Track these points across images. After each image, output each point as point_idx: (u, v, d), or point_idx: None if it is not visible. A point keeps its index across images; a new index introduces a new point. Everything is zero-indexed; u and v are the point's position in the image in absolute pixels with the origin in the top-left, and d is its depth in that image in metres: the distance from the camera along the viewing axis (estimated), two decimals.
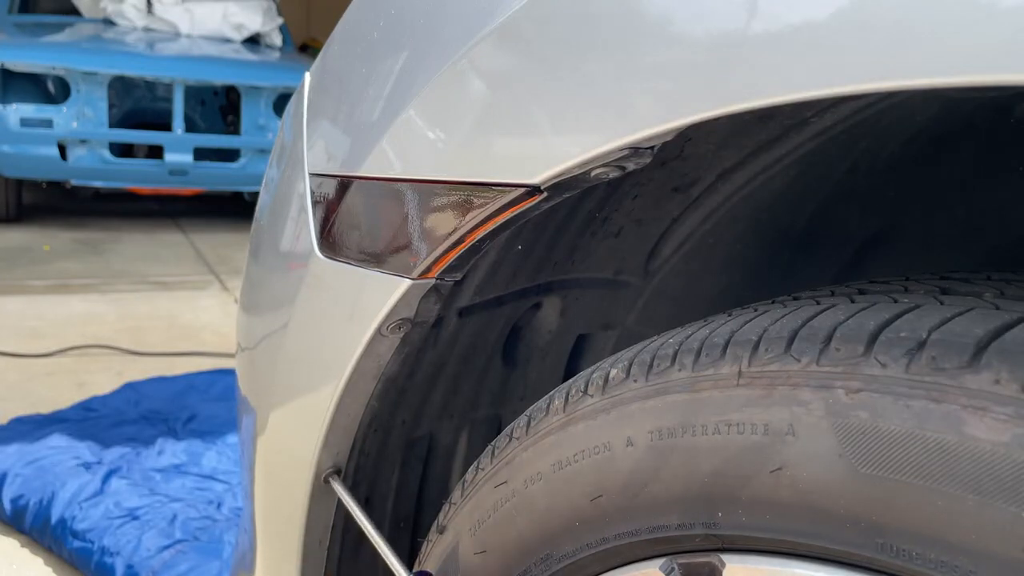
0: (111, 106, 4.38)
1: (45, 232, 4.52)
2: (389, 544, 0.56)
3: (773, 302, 0.50)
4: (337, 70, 0.72)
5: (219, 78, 4.40)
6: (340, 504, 0.72)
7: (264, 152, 4.51)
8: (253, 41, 5.29)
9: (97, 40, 4.66)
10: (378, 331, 0.62)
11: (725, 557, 0.44)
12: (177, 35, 5.01)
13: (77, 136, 4.18)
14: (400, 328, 0.62)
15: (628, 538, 0.48)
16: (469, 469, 0.62)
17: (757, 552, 0.43)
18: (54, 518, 1.69)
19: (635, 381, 0.49)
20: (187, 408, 2.27)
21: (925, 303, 0.41)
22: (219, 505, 1.78)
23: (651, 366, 0.48)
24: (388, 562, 0.54)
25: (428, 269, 0.58)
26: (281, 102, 4.51)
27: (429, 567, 0.65)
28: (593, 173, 0.47)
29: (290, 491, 0.74)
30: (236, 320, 0.97)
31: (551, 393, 0.57)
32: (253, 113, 4.49)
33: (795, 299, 0.49)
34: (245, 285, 0.92)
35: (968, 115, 0.64)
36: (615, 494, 0.48)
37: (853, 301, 0.44)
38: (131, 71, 4.24)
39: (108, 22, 5.05)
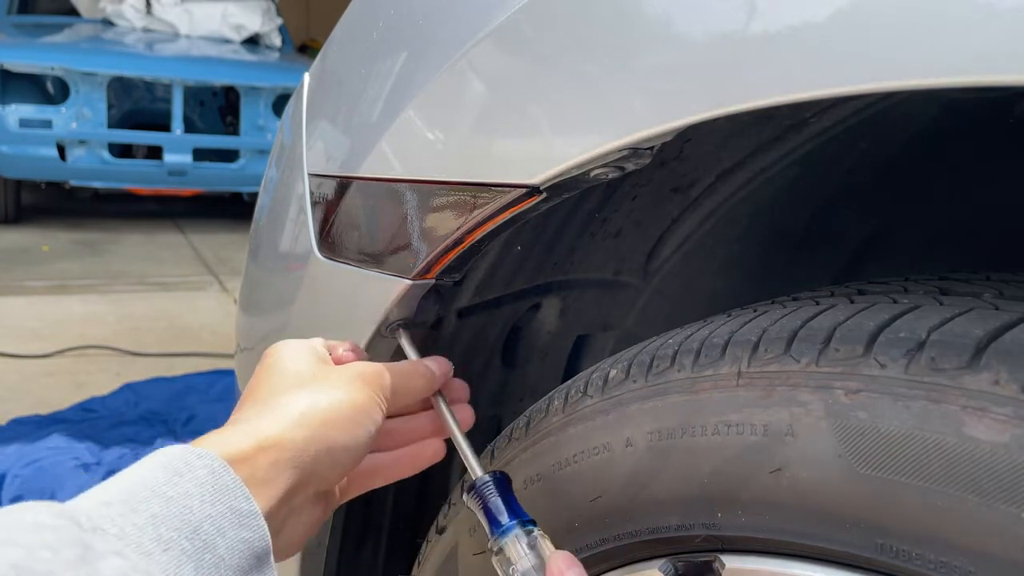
0: (110, 107, 4.38)
1: (44, 233, 4.52)
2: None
3: (772, 302, 0.50)
4: (336, 71, 0.72)
5: (218, 79, 4.40)
6: (340, 504, 0.72)
7: (263, 153, 4.50)
8: (252, 42, 5.29)
9: (96, 41, 4.66)
10: (377, 332, 0.62)
11: (725, 558, 0.44)
12: (176, 36, 5.00)
13: (76, 137, 4.18)
14: (400, 329, 0.62)
15: (628, 539, 0.48)
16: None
17: (757, 553, 0.43)
18: None
19: (634, 382, 0.49)
20: (186, 409, 2.27)
21: (924, 303, 0.41)
22: None
23: (650, 367, 0.48)
24: (467, 464, 0.54)
25: (427, 270, 0.58)
26: (280, 103, 4.51)
27: (428, 568, 0.65)
28: (592, 174, 0.47)
29: None
30: (235, 321, 0.97)
31: (550, 394, 0.57)
32: (252, 114, 4.49)
33: (794, 300, 0.49)
34: (244, 286, 0.92)
35: (968, 115, 0.64)
36: (614, 495, 0.48)
37: (852, 301, 0.44)
38: (130, 72, 4.24)
39: (107, 23, 5.05)
